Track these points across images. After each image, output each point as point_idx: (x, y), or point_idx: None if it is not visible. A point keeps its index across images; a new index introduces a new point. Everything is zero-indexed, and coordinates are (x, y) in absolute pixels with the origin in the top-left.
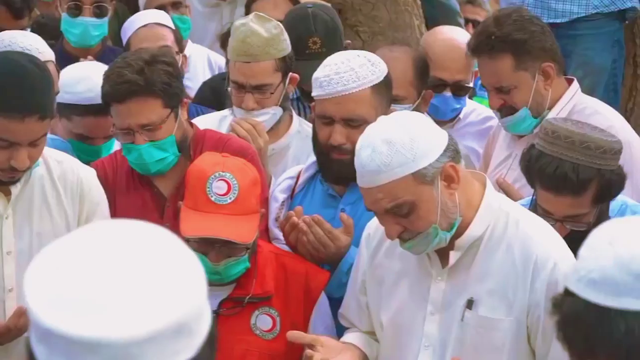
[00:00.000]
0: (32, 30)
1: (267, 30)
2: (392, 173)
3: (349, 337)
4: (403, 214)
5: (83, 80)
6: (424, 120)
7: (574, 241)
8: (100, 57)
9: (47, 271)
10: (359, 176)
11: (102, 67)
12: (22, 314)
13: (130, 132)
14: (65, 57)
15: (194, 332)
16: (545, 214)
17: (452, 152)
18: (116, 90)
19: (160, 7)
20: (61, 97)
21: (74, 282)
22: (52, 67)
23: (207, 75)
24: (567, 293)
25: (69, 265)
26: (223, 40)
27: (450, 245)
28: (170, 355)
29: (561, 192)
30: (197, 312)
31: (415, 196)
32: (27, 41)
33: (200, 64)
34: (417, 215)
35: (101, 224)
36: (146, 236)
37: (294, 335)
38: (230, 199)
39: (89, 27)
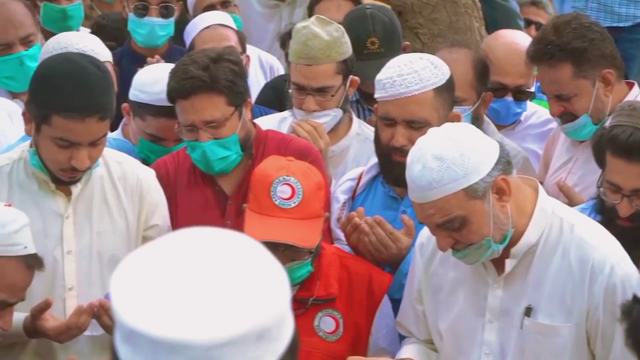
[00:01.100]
0: (92, 31)
1: (328, 33)
2: (443, 189)
3: (407, 350)
4: (454, 228)
5: (161, 81)
6: (474, 134)
7: (628, 241)
8: (166, 57)
9: (134, 274)
10: (410, 190)
11: None
12: (82, 312)
13: (194, 129)
14: (133, 57)
15: (275, 338)
16: (613, 190)
17: (504, 164)
18: (181, 86)
19: (210, 7)
20: (137, 97)
21: (159, 285)
22: (109, 68)
23: (259, 76)
24: (636, 300)
25: (154, 268)
26: (283, 41)
27: (506, 253)
28: None
29: (632, 159)
30: (279, 319)
31: (467, 211)
32: (82, 43)
33: (252, 64)
34: (469, 230)
35: (188, 231)
36: (231, 243)
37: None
38: (294, 203)
39: (155, 28)
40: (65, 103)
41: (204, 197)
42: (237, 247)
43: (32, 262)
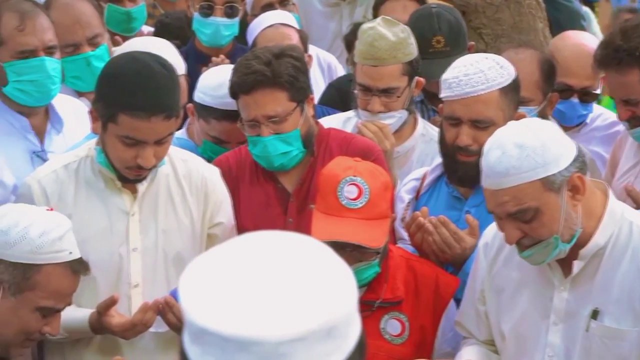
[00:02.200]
0: (156, 30)
1: (394, 35)
2: (521, 177)
3: (467, 351)
4: (526, 219)
5: (225, 85)
6: (555, 129)
7: None
8: (231, 56)
9: (202, 274)
10: (485, 177)
11: None
12: (147, 309)
13: (256, 124)
14: (198, 56)
15: (344, 336)
16: None
17: (581, 163)
18: (243, 81)
19: (268, 5)
20: (201, 99)
21: (228, 284)
22: (183, 81)
23: (317, 74)
24: None
25: (223, 268)
26: (348, 42)
27: (573, 255)
28: (320, 357)
29: None
30: (347, 317)
31: (541, 202)
32: (159, 52)
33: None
34: (540, 223)
35: (255, 233)
36: (299, 244)
37: None
38: (361, 203)
39: (220, 27)
40: (132, 102)
41: (265, 194)
42: (305, 248)
43: (78, 268)
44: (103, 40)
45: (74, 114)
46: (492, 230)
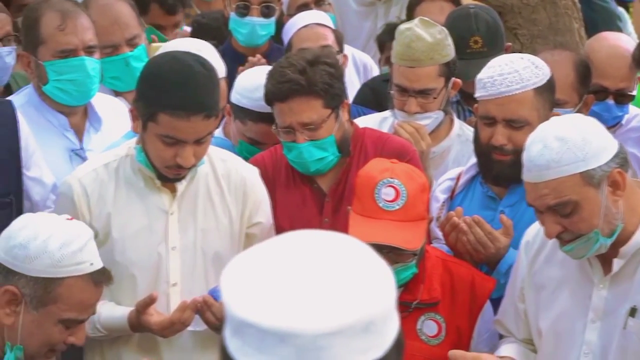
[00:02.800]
0: (192, 30)
1: (431, 36)
2: (561, 170)
3: (506, 349)
4: (566, 213)
5: (261, 87)
6: (597, 124)
7: None
8: (267, 56)
9: (244, 269)
10: (526, 170)
11: None
12: (185, 308)
13: (291, 131)
14: (234, 56)
15: (382, 332)
16: None
17: (622, 159)
18: (278, 89)
19: (304, 5)
20: (238, 100)
21: (269, 279)
22: (223, 84)
23: (352, 74)
24: None
25: (264, 263)
26: (380, 42)
27: (613, 252)
28: (358, 352)
29: None
30: (385, 313)
31: (580, 196)
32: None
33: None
34: (580, 217)
35: (295, 232)
36: (338, 241)
37: (455, 354)
38: (398, 205)
39: (256, 27)
40: (172, 101)
41: (301, 194)
42: (344, 245)
43: (100, 278)
44: (141, 41)
45: (113, 112)
46: (533, 229)
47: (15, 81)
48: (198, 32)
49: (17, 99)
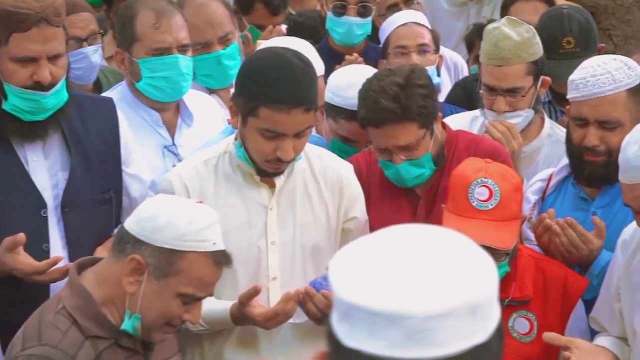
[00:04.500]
0: (289, 29)
1: (519, 34)
2: None
3: (602, 340)
4: None
5: (354, 86)
6: None
7: None
8: (363, 55)
9: (352, 257)
10: (622, 171)
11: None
12: (289, 299)
13: (388, 152)
14: (331, 55)
15: (486, 317)
16: None
17: None
18: (372, 117)
19: (394, 5)
20: (331, 99)
21: (377, 264)
22: (321, 82)
23: (444, 74)
24: None
25: (371, 251)
26: (468, 43)
27: None
28: (465, 335)
29: None
30: (490, 298)
31: None
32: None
33: None
34: None
35: (402, 226)
36: (443, 232)
37: (550, 336)
38: (492, 205)
39: (353, 27)
40: (273, 95)
41: (395, 197)
42: (447, 235)
43: (221, 259)
44: (234, 39)
45: (204, 108)
46: (631, 228)
47: (105, 77)
48: (295, 31)
49: (110, 95)
